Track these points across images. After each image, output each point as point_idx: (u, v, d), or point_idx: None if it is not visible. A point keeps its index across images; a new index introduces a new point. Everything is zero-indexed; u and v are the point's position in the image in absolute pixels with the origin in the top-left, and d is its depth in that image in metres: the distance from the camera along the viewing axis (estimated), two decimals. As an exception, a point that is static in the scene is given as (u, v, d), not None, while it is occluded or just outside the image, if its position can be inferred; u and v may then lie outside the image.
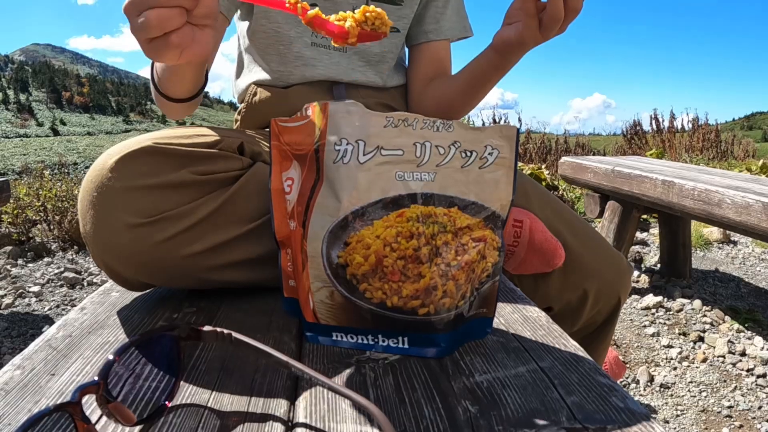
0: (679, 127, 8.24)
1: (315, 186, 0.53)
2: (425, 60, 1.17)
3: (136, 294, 0.75)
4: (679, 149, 7.67)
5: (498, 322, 0.65)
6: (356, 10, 0.59)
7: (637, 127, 8.52)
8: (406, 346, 0.56)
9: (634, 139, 8.43)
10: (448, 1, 1.18)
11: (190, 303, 0.71)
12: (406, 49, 1.23)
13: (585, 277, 0.97)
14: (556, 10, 0.80)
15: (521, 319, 0.67)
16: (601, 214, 2.49)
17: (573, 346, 0.60)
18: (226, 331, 0.45)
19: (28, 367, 0.54)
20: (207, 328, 0.45)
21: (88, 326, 0.63)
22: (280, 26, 1.05)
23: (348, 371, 0.53)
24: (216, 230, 0.67)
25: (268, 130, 1.04)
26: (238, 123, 1.12)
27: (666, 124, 8.34)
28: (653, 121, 8.38)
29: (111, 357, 0.40)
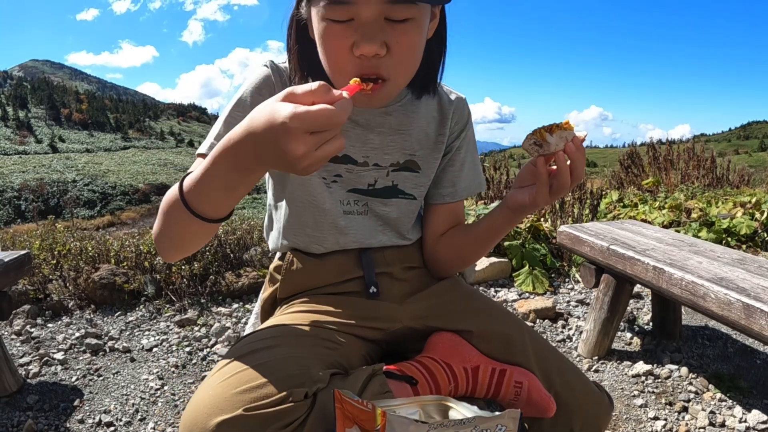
0: (676, 139, 8.41)
1: None
2: (441, 218, 1.25)
3: None
4: (675, 177, 7.85)
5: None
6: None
7: (634, 156, 8.70)
8: None
9: (630, 168, 8.61)
10: (464, 164, 1.24)
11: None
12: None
13: (572, 418, 1.13)
14: (564, 181, 0.97)
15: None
16: (596, 285, 2.63)
17: None
18: None
19: None
20: None
21: None
22: (314, 198, 1.13)
23: None
24: None
25: (304, 297, 1.16)
26: (278, 285, 1.19)
27: (663, 139, 8.54)
28: (650, 150, 8.56)
29: None
